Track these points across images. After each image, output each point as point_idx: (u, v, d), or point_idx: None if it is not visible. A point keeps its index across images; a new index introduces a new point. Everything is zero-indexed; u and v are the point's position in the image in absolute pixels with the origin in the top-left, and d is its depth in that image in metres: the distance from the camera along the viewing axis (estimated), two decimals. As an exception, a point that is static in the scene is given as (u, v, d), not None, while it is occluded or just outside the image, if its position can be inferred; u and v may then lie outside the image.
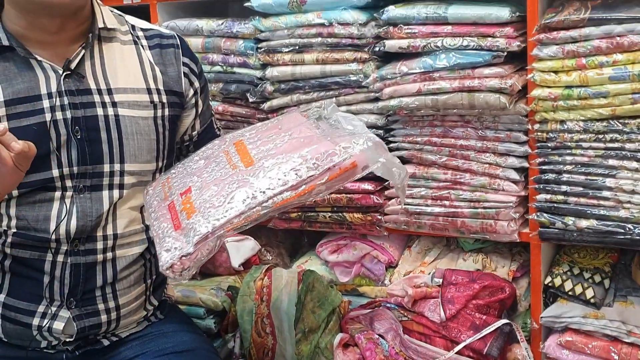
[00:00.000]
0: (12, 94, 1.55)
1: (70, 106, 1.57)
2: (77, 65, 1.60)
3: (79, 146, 1.58)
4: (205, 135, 1.87)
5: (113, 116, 1.61)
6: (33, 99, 1.56)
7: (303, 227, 2.56)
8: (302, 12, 2.39)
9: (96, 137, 1.60)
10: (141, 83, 1.67)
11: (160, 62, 1.72)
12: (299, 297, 2.26)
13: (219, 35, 2.57)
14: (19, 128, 1.54)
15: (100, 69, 1.63)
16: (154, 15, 2.73)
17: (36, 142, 1.51)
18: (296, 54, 2.42)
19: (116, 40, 1.67)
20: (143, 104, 1.66)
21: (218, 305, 2.33)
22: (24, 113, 1.55)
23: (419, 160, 2.33)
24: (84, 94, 1.59)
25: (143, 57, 1.70)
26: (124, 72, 1.65)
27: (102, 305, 1.65)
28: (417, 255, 2.48)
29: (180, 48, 1.76)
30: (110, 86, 1.62)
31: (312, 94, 2.42)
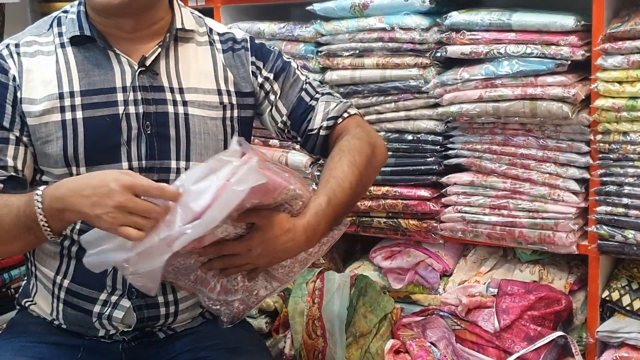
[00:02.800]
0: (89, 84, 1.63)
1: (143, 101, 1.63)
2: (153, 62, 1.66)
3: (148, 141, 1.64)
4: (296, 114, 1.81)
5: (183, 114, 1.66)
6: (108, 91, 1.63)
7: (357, 232, 2.60)
8: (364, 16, 2.44)
9: (165, 133, 1.65)
10: (212, 84, 1.72)
11: (233, 65, 1.76)
12: (350, 301, 2.30)
13: (280, 38, 2.64)
14: (93, 118, 1.61)
15: (174, 68, 1.68)
16: (217, 17, 2.80)
17: (108, 133, 1.61)
18: (356, 58, 2.46)
19: (193, 41, 1.73)
20: (213, 105, 1.70)
21: (270, 305, 2.38)
22: (98, 104, 1.62)
23: (477, 168, 2.36)
24: (157, 91, 1.65)
25: (217, 59, 1.74)
26: (196, 72, 1.71)
27: (162, 298, 1.70)
28: (473, 265, 2.50)
29: (250, 49, 1.80)
30: (183, 85, 1.68)
31: (370, 98, 2.46)
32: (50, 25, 1.71)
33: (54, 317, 1.74)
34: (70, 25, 1.67)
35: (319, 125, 1.78)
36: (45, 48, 1.67)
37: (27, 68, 1.64)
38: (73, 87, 1.62)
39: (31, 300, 1.78)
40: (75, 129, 1.61)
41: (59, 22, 1.70)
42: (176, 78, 1.68)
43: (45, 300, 1.75)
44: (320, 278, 2.38)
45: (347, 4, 2.44)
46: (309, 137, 1.80)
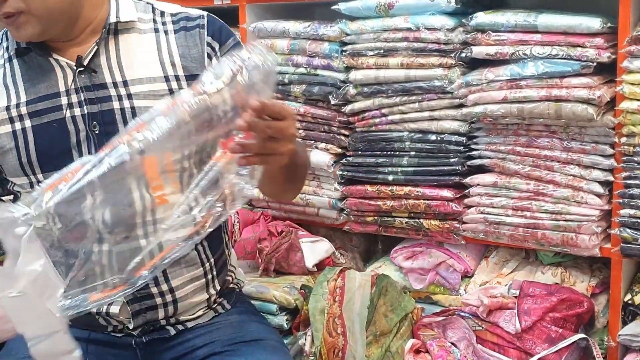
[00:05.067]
0: (33, 93, 1.65)
1: (86, 102, 1.63)
2: (92, 60, 1.63)
3: (97, 141, 1.64)
4: None
5: (129, 108, 1.64)
6: (52, 96, 1.64)
7: (378, 231, 2.64)
8: (389, 16, 2.48)
9: (114, 131, 1.59)
10: (158, 71, 1.66)
11: (184, 45, 1.69)
12: (371, 300, 2.34)
13: (304, 37, 2.69)
14: (40, 125, 1.64)
15: (116, 62, 1.65)
16: (243, 16, 2.86)
17: (57, 138, 1.63)
18: (381, 58, 2.51)
19: (134, 30, 1.68)
20: (160, 93, 1.65)
21: (291, 302, 2.42)
22: (44, 110, 1.64)
23: (501, 169, 2.39)
24: (99, 89, 1.64)
25: (162, 44, 1.68)
26: (141, 62, 1.66)
27: (155, 288, 1.71)
28: (494, 266, 2.54)
29: (206, 27, 1.70)
30: (126, 78, 1.64)
31: (395, 98, 2.50)
32: (0, 40, 1.74)
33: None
34: (13, 39, 1.68)
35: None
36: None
37: None
38: (20, 99, 1.65)
39: None
40: (25, 138, 1.65)
41: (6, 36, 1.71)
42: (119, 72, 1.65)
43: None
44: (342, 276, 2.42)
45: (373, 3, 2.49)
46: None
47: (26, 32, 1.56)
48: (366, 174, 2.60)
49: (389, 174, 2.55)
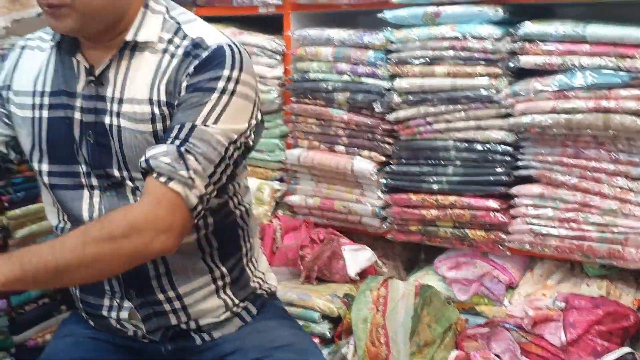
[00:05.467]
0: (56, 85, 1.69)
1: (86, 110, 1.64)
2: (103, 71, 1.63)
3: (90, 150, 1.65)
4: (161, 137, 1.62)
5: (116, 126, 1.62)
6: (69, 94, 1.67)
7: (422, 240, 2.65)
8: (436, 24, 2.48)
9: (105, 143, 1.63)
10: (146, 94, 1.61)
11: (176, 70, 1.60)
12: (415, 310, 2.34)
13: (349, 45, 2.70)
14: (55, 118, 1.67)
15: (122, 78, 1.63)
16: (287, 24, 2.88)
17: (65, 134, 1.66)
18: (426, 66, 2.51)
19: (148, 49, 1.64)
20: (143, 117, 1.61)
21: (333, 311, 2.43)
22: (61, 105, 1.67)
23: (547, 180, 2.38)
24: (100, 101, 1.64)
25: (162, 66, 1.62)
26: (139, 82, 1.62)
27: (162, 295, 1.71)
28: (539, 278, 2.53)
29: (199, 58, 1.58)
30: (123, 96, 1.62)
31: (440, 106, 2.51)
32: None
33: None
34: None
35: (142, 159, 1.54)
36: (44, 45, 1.74)
37: (23, 59, 1.74)
38: (45, 87, 1.70)
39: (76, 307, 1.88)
40: (40, 126, 1.69)
41: None
42: (120, 89, 1.62)
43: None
44: (385, 286, 2.43)
45: (419, 12, 2.50)
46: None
47: (64, 25, 1.56)
48: (410, 182, 2.60)
49: (434, 183, 2.55)
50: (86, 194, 1.69)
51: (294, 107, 2.87)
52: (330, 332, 2.43)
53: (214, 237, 1.73)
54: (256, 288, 1.86)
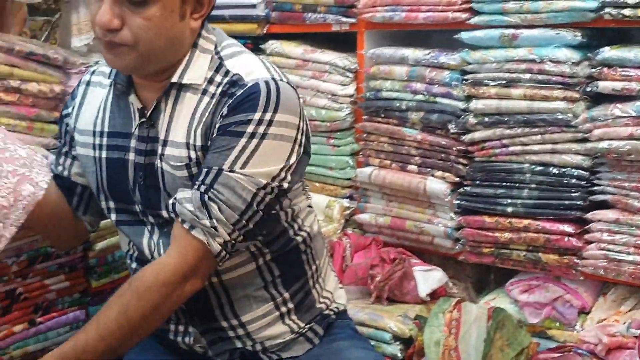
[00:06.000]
0: (112, 126, 1.72)
1: (138, 152, 1.67)
2: (154, 111, 1.64)
3: (142, 191, 1.68)
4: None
5: (161, 169, 1.64)
6: (124, 135, 1.69)
7: (495, 263, 2.65)
8: (513, 47, 2.50)
9: (155, 185, 1.66)
10: (184, 137, 1.61)
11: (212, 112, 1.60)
12: (488, 333, 2.35)
13: (424, 64, 2.72)
14: (112, 159, 1.71)
15: (167, 119, 1.64)
16: (361, 42, 2.92)
17: (121, 175, 1.70)
18: (503, 88, 2.52)
19: (191, 90, 1.63)
20: (181, 161, 1.62)
21: (405, 332, 2.45)
22: (117, 146, 1.70)
23: (623, 206, 2.38)
24: (151, 142, 1.65)
25: (200, 108, 1.61)
26: (179, 124, 1.62)
27: (225, 323, 1.75)
28: (612, 304, 2.52)
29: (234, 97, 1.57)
30: (168, 138, 1.63)
31: (516, 129, 2.51)
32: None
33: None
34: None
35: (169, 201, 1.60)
36: (105, 81, 1.76)
37: (87, 98, 1.78)
38: (103, 128, 1.73)
39: None
40: (100, 167, 1.73)
41: None
42: (166, 130, 1.64)
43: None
44: (458, 308, 2.44)
45: (497, 33, 2.51)
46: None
47: (121, 62, 1.58)
48: (484, 204, 2.61)
49: (508, 205, 2.56)
50: (146, 230, 1.73)
51: (365, 125, 2.90)
52: (402, 353, 2.45)
53: (275, 265, 1.74)
54: (323, 309, 1.86)
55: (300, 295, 1.79)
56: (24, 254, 2.05)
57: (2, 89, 2.03)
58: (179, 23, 1.57)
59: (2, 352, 2.01)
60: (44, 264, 2.11)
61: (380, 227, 2.91)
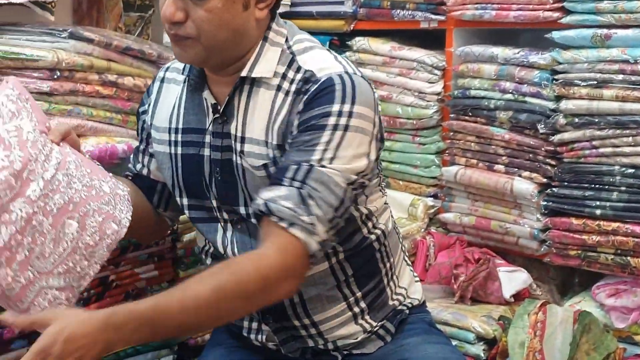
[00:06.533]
0: (187, 122, 1.73)
1: (214, 147, 1.67)
2: (227, 106, 1.64)
3: (218, 187, 1.69)
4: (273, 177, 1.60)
5: (240, 165, 1.64)
6: (199, 131, 1.69)
7: (581, 265, 2.62)
8: (606, 47, 2.47)
9: (232, 181, 1.66)
10: (263, 135, 1.61)
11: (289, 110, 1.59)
12: (574, 336, 2.33)
13: (513, 63, 2.71)
14: (187, 155, 1.72)
15: (242, 115, 1.63)
16: (450, 39, 2.92)
17: (196, 171, 1.71)
18: (594, 89, 2.49)
19: (264, 85, 1.63)
20: (261, 158, 1.61)
21: (489, 333, 2.45)
22: (192, 142, 1.71)
23: None
24: (226, 138, 1.65)
25: (276, 105, 1.60)
26: (257, 121, 1.62)
27: (297, 322, 1.74)
28: (703, 311, 2.47)
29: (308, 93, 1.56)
30: (245, 134, 1.63)
31: (607, 130, 2.48)
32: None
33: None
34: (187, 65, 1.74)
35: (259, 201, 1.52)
36: (179, 78, 1.78)
37: (163, 95, 1.80)
38: (178, 124, 1.74)
39: None
40: (176, 163, 1.75)
41: None
42: (241, 126, 1.63)
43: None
44: (543, 310, 2.42)
45: (589, 33, 2.48)
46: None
47: (188, 55, 1.59)
48: (572, 206, 2.59)
49: (597, 208, 2.53)
50: (220, 227, 1.75)
51: (452, 123, 2.90)
52: (485, 354, 2.45)
53: (349, 264, 1.73)
54: (396, 305, 1.84)
55: (373, 294, 1.78)
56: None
57: (100, 82, 2.09)
58: (242, 13, 1.55)
59: (95, 337, 2.08)
60: (134, 253, 2.18)
61: (465, 226, 2.90)
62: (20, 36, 2.06)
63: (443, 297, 2.70)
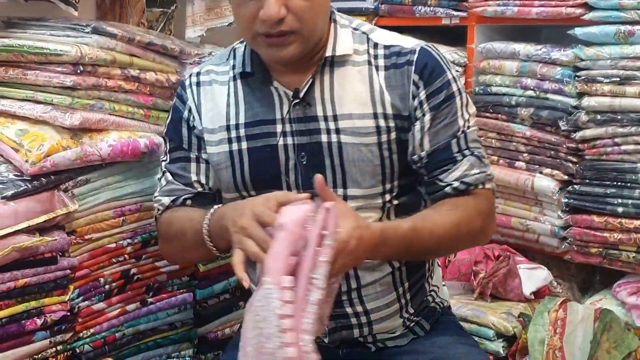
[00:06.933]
0: (252, 116, 1.74)
1: (297, 133, 1.69)
2: (307, 92, 1.68)
3: (303, 171, 1.70)
4: (437, 157, 1.70)
5: (336, 143, 1.68)
6: (268, 122, 1.71)
7: (602, 263, 2.62)
8: (629, 43, 2.46)
9: (320, 163, 1.69)
10: (368, 108, 1.68)
11: (392, 85, 1.68)
12: (594, 334, 2.33)
13: (535, 60, 2.70)
14: (255, 148, 1.73)
15: (329, 95, 1.69)
16: (471, 36, 2.92)
17: (268, 163, 1.72)
18: (617, 86, 2.49)
19: (349, 63, 1.70)
20: (367, 130, 1.68)
21: (509, 330, 2.45)
22: (260, 135, 1.72)
23: None
24: (310, 121, 1.69)
25: (374, 79, 1.69)
26: (352, 97, 1.68)
27: (350, 309, 1.76)
28: None
29: (414, 64, 1.68)
30: (337, 112, 1.68)
31: (630, 127, 2.47)
32: (228, 57, 1.81)
33: None
34: (240, 60, 1.76)
35: (451, 182, 1.68)
36: (220, 78, 1.80)
37: (204, 98, 1.80)
38: (239, 120, 1.75)
39: None
40: (240, 158, 1.75)
41: (234, 54, 1.80)
42: (330, 105, 1.68)
43: None
44: (563, 308, 2.42)
45: (612, 30, 2.48)
46: (434, 184, 1.71)
47: (288, 52, 1.62)
48: (593, 203, 2.58)
49: (619, 205, 2.52)
50: None
51: (473, 120, 2.90)
52: (505, 351, 2.45)
53: None
54: (429, 301, 1.87)
55: (416, 287, 1.82)
56: (137, 237, 2.14)
57: (122, 77, 2.10)
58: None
59: (116, 329, 2.10)
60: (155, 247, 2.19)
61: (485, 223, 2.90)
62: (44, 31, 2.09)
63: (462, 293, 2.71)
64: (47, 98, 1.99)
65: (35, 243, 1.83)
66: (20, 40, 2.01)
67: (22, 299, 1.87)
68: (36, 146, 1.88)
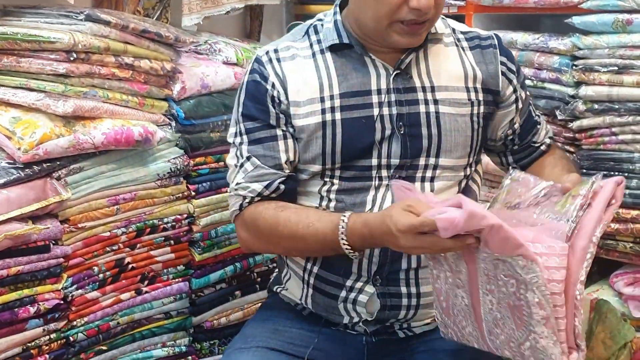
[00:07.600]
0: (347, 87, 1.81)
1: (396, 103, 1.79)
2: (406, 65, 1.82)
3: (401, 140, 1.79)
4: (526, 126, 2.00)
5: (434, 113, 1.81)
6: (364, 93, 1.81)
7: (599, 253, 2.59)
8: (627, 32, 2.44)
9: (417, 133, 1.80)
10: (461, 82, 1.85)
11: (481, 62, 1.88)
12: (590, 325, 2.33)
13: (533, 49, 2.69)
14: (350, 119, 1.80)
15: (425, 69, 1.83)
16: (469, 25, 2.89)
17: (363, 133, 1.78)
18: (615, 75, 2.47)
19: (441, 42, 1.88)
20: (462, 102, 1.84)
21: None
22: (355, 106, 1.80)
23: None
24: (409, 92, 1.81)
25: (464, 57, 1.88)
26: (446, 71, 1.85)
27: (405, 288, 1.80)
28: None
29: (498, 47, 1.92)
30: (434, 84, 1.82)
31: (627, 117, 2.46)
32: (306, 33, 1.89)
33: (302, 301, 1.92)
34: (328, 34, 1.84)
35: (543, 140, 2.03)
36: (301, 52, 1.86)
37: (288, 72, 1.83)
38: (333, 91, 1.81)
39: (282, 286, 1.98)
40: (334, 129, 1.80)
41: (315, 30, 1.88)
42: (427, 78, 1.82)
43: (296, 286, 1.93)
44: (560, 298, 2.42)
45: (610, 18, 2.46)
46: (528, 148, 2.01)
47: (421, 38, 1.79)
48: (590, 193, 2.57)
49: (615, 195, 2.51)
50: (373, 186, 1.81)
51: (471, 109, 2.89)
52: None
53: None
54: None
55: None
56: (132, 225, 2.14)
57: (116, 65, 2.10)
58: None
59: (110, 318, 2.11)
60: (150, 236, 2.20)
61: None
62: (38, 19, 2.09)
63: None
64: (40, 85, 2.00)
65: (27, 231, 1.84)
66: (14, 28, 2.02)
67: (15, 287, 1.89)
68: (29, 134, 1.89)
